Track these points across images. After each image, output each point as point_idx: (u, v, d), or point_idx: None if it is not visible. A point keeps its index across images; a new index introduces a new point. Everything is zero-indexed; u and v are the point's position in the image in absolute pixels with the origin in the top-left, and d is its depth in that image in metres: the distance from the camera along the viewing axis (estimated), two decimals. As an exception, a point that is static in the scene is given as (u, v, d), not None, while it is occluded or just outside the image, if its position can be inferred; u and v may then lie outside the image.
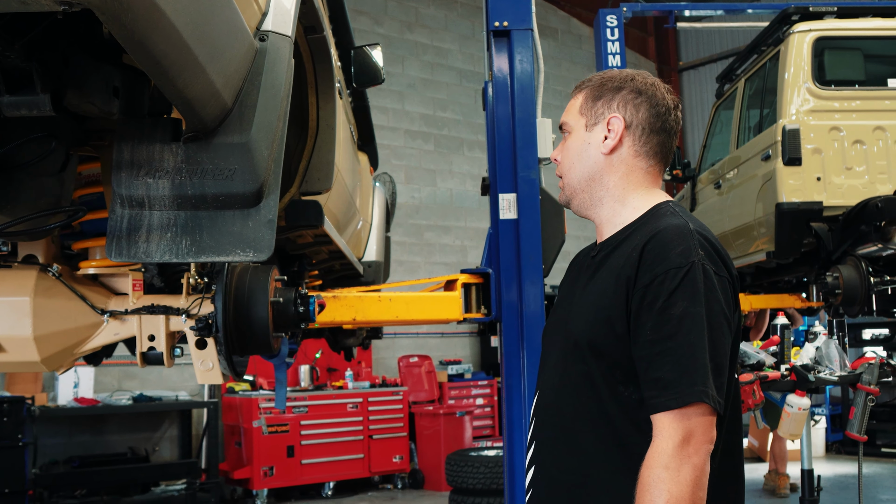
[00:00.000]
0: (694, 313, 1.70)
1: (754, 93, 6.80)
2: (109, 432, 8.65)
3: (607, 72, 2.00)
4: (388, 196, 8.66)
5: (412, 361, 10.71)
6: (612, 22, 7.82)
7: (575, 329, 1.87)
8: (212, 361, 2.41)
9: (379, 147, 11.27)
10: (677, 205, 1.94)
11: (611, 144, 1.92)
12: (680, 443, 1.65)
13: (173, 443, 9.10)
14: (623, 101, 1.93)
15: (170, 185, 1.76)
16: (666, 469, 1.63)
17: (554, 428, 1.89)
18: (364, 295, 3.92)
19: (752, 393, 3.98)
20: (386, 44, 11.90)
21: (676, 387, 1.67)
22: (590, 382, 1.82)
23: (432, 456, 9.59)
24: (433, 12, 12.53)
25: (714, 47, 15.10)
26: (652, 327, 1.72)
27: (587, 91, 1.96)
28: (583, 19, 14.24)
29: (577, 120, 1.96)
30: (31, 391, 7.71)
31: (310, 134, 2.92)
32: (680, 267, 1.73)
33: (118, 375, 8.71)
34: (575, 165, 1.95)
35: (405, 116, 11.98)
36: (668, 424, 1.66)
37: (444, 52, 12.57)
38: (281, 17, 1.96)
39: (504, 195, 4.16)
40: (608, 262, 1.89)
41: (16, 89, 1.56)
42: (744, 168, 6.58)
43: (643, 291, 1.74)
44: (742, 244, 6.65)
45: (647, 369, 1.72)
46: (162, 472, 8.42)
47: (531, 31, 4.26)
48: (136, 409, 8.36)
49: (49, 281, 2.34)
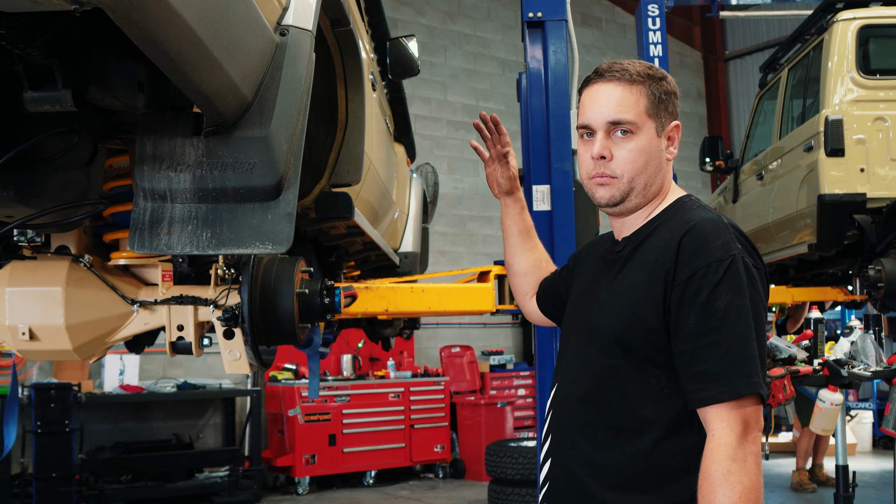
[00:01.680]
0: (739, 305, 1.72)
1: (797, 82, 6.68)
2: (154, 419, 8.82)
3: (644, 63, 1.96)
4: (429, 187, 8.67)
5: (454, 351, 10.74)
6: (654, 11, 7.73)
7: (603, 324, 1.88)
8: (239, 351, 2.45)
9: (422, 137, 11.40)
10: (699, 199, 1.97)
11: (675, 152, 1.95)
12: (741, 434, 1.67)
13: (217, 430, 9.25)
14: (674, 106, 1.95)
15: (191, 179, 1.79)
16: (734, 461, 1.65)
17: (575, 421, 1.90)
18: (396, 286, 3.94)
19: (782, 387, 3.92)
20: (428, 34, 11.93)
21: (726, 379, 1.68)
22: (616, 377, 1.83)
23: (473, 446, 9.62)
24: (476, 2, 12.50)
25: (761, 36, 14.84)
26: (696, 321, 1.72)
27: (648, 90, 1.90)
28: (627, 8, 14.10)
29: (645, 122, 1.89)
30: (77, 378, 7.87)
31: (339, 126, 2.94)
32: (722, 260, 1.74)
33: (163, 363, 8.86)
34: (647, 168, 1.90)
35: (448, 107, 11.98)
36: (727, 416, 1.68)
37: (487, 42, 12.53)
38: (302, 12, 1.98)
39: (538, 187, 4.15)
40: (636, 256, 1.89)
41: (38, 85, 1.60)
42: (786, 159, 6.48)
43: (684, 285, 1.74)
44: (785, 236, 6.55)
45: (692, 363, 1.72)
46: (205, 458, 8.55)
47: (565, 22, 4.24)
48: (181, 396, 8.50)
49: (81, 271, 2.39)
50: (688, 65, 15.32)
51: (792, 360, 4.28)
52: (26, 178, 1.88)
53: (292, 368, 9.24)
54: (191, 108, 1.85)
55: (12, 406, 3.48)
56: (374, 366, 10.02)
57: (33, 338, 2.36)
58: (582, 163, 1.98)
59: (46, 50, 1.53)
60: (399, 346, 10.13)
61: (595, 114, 1.91)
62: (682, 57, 15.18)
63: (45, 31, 1.50)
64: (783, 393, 3.91)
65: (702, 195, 14.03)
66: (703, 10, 13.29)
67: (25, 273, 2.38)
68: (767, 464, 9.72)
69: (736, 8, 10.16)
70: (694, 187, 14.39)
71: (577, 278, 2.13)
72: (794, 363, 4.28)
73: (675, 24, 14.90)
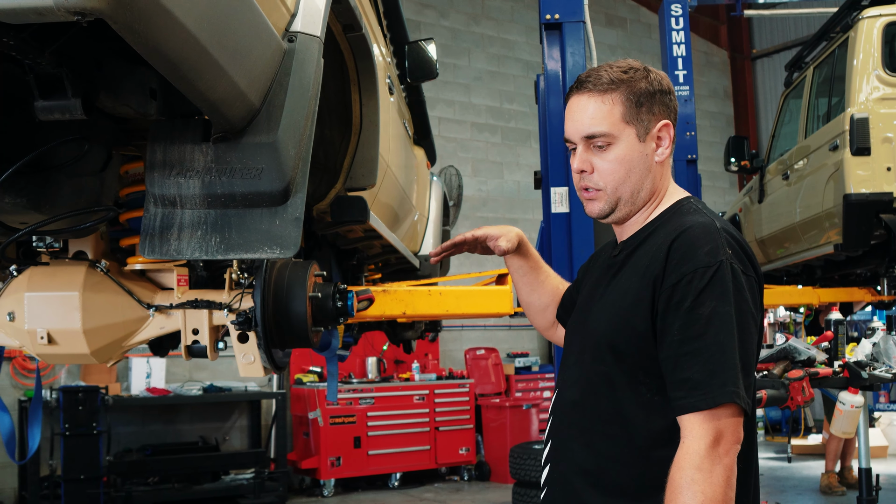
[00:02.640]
0: (723, 313, 1.69)
1: (823, 81, 6.62)
2: (181, 422, 8.89)
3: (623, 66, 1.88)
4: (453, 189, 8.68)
5: (479, 354, 10.73)
6: (677, 11, 7.68)
7: (595, 329, 1.87)
8: (253, 355, 2.47)
9: (445, 140, 11.42)
10: (699, 201, 1.94)
11: (667, 153, 1.90)
12: (711, 444, 1.64)
13: (243, 432, 9.31)
14: (661, 104, 1.88)
15: (200, 184, 1.81)
16: (699, 470, 1.62)
17: (571, 427, 1.89)
18: (414, 289, 3.95)
19: (801, 389, 3.88)
20: (452, 36, 11.94)
21: (706, 387, 1.66)
22: (608, 383, 1.81)
23: (498, 448, 9.61)
24: (499, 4, 12.49)
25: (789, 34, 14.69)
26: (680, 327, 1.70)
27: (623, 95, 1.84)
28: (652, 8, 14.02)
29: (623, 130, 1.84)
30: (105, 381, 7.97)
31: (353, 131, 2.96)
32: (708, 266, 1.71)
33: (189, 366, 8.94)
34: (630, 177, 1.87)
35: (471, 109, 11.98)
36: (699, 425, 1.65)
37: (511, 44, 12.52)
38: (310, 18, 2.00)
39: (556, 189, 4.15)
40: (631, 260, 1.87)
41: (49, 94, 1.63)
42: (812, 158, 6.42)
43: (670, 291, 1.72)
44: (811, 236, 6.49)
45: (675, 369, 1.70)
46: (231, 461, 8.63)
47: (583, 24, 4.23)
48: (207, 399, 8.57)
49: (98, 276, 2.42)
50: (714, 64, 15.21)
51: (811, 361, 4.24)
52: (39, 185, 1.91)
53: (317, 371, 9.28)
54: (200, 114, 1.87)
55: (36, 408, 3.54)
56: (398, 368, 10.04)
57: (52, 342, 2.39)
58: (572, 175, 1.96)
59: (56, 60, 1.56)
60: (424, 349, 10.14)
61: (571, 128, 1.90)
62: (708, 56, 15.07)
63: (54, 42, 1.53)
64: (802, 395, 3.87)
65: (729, 195, 13.92)
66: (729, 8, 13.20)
67: (44, 278, 2.41)
68: (795, 466, 9.62)
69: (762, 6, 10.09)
70: (721, 187, 14.28)
71: (585, 286, 2.11)
72: (814, 365, 4.23)
73: (701, 23, 14.80)
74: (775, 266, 7.49)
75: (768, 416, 11.87)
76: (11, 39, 1.41)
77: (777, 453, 10.46)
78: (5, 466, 7.84)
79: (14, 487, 7.95)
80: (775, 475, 9.21)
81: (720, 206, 12.97)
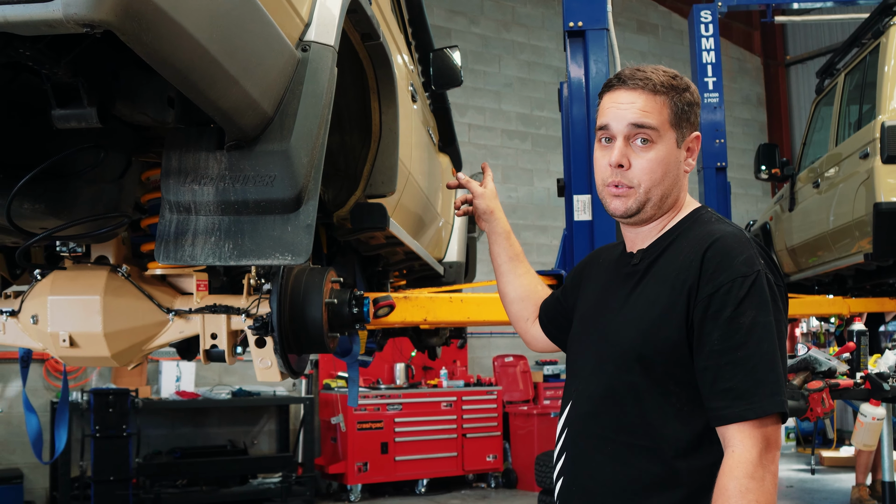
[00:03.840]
0: (764, 322, 1.70)
1: (854, 88, 6.55)
2: (210, 425, 8.98)
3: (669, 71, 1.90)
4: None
5: (507, 361, 10.71)
6: (707, 17, 7.65)
7: (621, 340, 1.85)
8: (270, 360, 2.50)
9: (475, 147, 11.44)
10: (714, 211, 1.95)
11: (693, 164, 1.93)
12: (761, 452, 1.65)
13: (271, 437, 9.38)
14: (696, 117, 1.92)
15: (214, 192, 1.84)
16: (752, 479, 1.63)
17: (592, 439, 1.87)
18: (435, 296, 3.96)
19: (821, 401, 3.83)
20: (482, 43, 11.97)
21: (752, 397, 1.66)
22: (635, 393, 1.80)
23: (526, 456, 9.57)
24: (530, 10, 12.50)
25: (823, 40, 14.51)
26: (720, 337, 1.70)
27: (672, 101, 1.86)
28: (684, 14, 13.91)
29: (668, 131, 1.86)
30: (135, 384, 8.06)
31: (373, 138, 2.98)
32: (746, 276, 1.72)
33: (218, 370, 9.02)
34: (664, 180, 1.87)
35: (502, 116, 11.99)
36: (749, 434, 1.66)
37: (542, 51, 12.51)
38: (324, 28, 2.02)
39: (579, 196, 4.15)
40: (655, 269, 1.87)
41: (65, 103, 1.66)
42: (843, 166, 6.34)
43: (707, 300, 1.72)
44: (842, 245, 6.41)
45: (716, 379, 1.70)
46: (259, 464, 8.69)
47: (606, 31, 4.23)
48: (235, 403, 8.64)
49: (119, 281, 2.47)
50: (747, 70, 15.08)
51: (832, 373, 4.19)
52: (58, 191, 1.96)
53: (346, 377, 9.30)
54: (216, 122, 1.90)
55: (63, 410, 3.60)
56: (426, 375, 10.05)
57: (73, 345, 2.44)
58: (598, 169, 1.93)
59: (71, 70, 1.59)
60: (452, 356, 10.15)
61: (616, 116, 1.86)
62: (741, 63, 14.95)
63: (69, 52, 1.56)
64: (821, 407, 3.83)
65: (762, 203, 13.78)
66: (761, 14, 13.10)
67: (66, 282, 2.46)
68: (826, 479, 9.49)
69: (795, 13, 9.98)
70: (754, 195, 14.15)
71: (585, 294, 2.09)
72: (835, 376, 4.18)
73: (733, 29, 14.69)
74: (806, 275, 7.41)
75: (800, 428, 11.73)
76: (28, 50, 1.45)
77: (808, 465, 10.33)
78: (37, 467, 7.97)
79: (45, 487, 8.08)
80: (805, 487, 9.09)
81: (752, 214, 12.85)
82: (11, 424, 8.04)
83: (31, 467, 7.96)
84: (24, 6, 1.23)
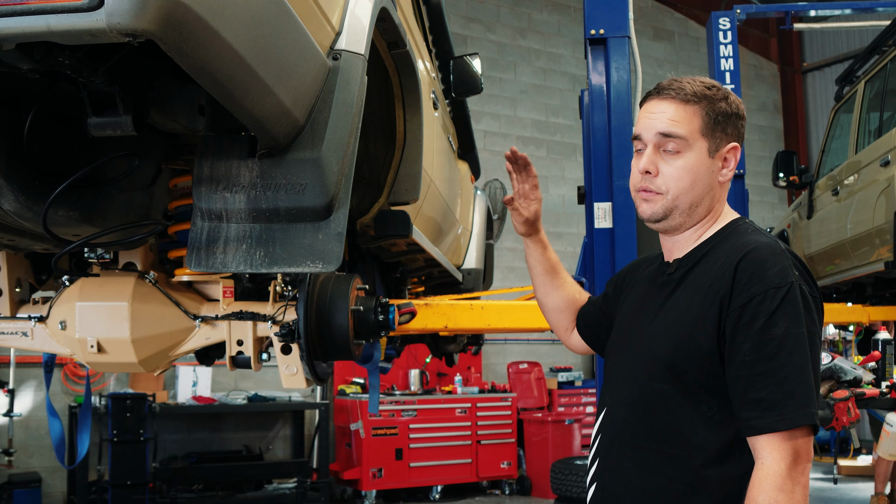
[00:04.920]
0: (796, 334, 1.69)
1: (874, 95, 6.51)
2: (226, 430, 9.00)
3: (706, 82, 1.92)
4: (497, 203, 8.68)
5: (522, 368, 10.70)
6: (725, 25, 7.63)
7: (653, 347, 1.86)
8: (296, 366, 2.51)
9: (491, 153, 11.44)
10: (752, 222, 1.95)
11: (729, 175, 1.92)
12: (791, 464, 1.65)
13: (286, 442, 9.38)
14: (735, 128, 1.91)
15: (246, 199, 1.85)
16: (781, 491, 1.63)
17: (623, 445, 1.88)
18: (456, 303, 3.96)
19: (846, 410, 3.81)
20: (498, 50, 11.98)
21: (782, 408, 1.66)
22: (664, 401, 1.81)
23: (540, 463, 9.56)
24: (546, 17, 12.50)
25: (841, 47, 14.46)
26: (751, 348, 1.70)
27: (703, 110, 1.87)
28: (700, 21, 13.91)
29: (698, 141, 1.86)
30: (152, 389, 8.10)
31: (397, 146, 2.99)
32: (779, 287, 1.71)
33: (234, 376, 9.04)
34: (693, 188, 1.87)
35: (517, 122, 11.99)
36: (779, 446, 1.66)
37: (557, 58, 12.51)
38: (354, 36, 2.03)
39: (599, 204, 4.14)
40: (689, 278, 1.87)
41: (101, 111, 1.68)
42: (863, 174, 6.31)
43: (740, 311, 1.72)
44: (861, 253, 6.37)
45: (746, 390, 1.70)
46: (275, 470, 8.70)
47: (628, 39, 4.23)
48: (251, 408, 8.67)
49: (146, 287, 2.48)
50: (764, 77, 15.04)
51: (857, 382, 4.16)
52: (92, 198, 1.97)
53: (360, 382, 9.33)
54: (247, 130, 1.91)
55: (85, 415, 3.62)
56: (441, 381, 10.04)
57: (101, 351, 2.45)
58: (632, 175, 1.96)
59: (108, 78, 1.60)
60: (467, 362, 10.14)
61: (647, 125, 1.90)
62: (757, 70, 14.91)
63: (107, 61, 1.57)
64: (847, 416, 3.80)
65: (778, 210, 13.73)
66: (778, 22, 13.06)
67: (94, 288, 2.47)
68: (844, 488, 9.43)
69: (813, 20, 9.94)
70: (770, 202, 14.09)
71: (624, 301, 2.10)
72: (860, 385, 4.15)
73: (750, 36, 14.65)
74: (824, 283, 7.37)
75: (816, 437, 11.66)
76: (67, 59, 1.46)
77: (825, 474, 10.26)
78: (55, 471, 8.01)
79: (63, 491, 8.11)
80: (823, 496, 9.03)
81: (769, 221, 12.80)
82: (30, 428, 8.08)
83: (48, 471, 8.00)
84: (68, 15, 1.24)
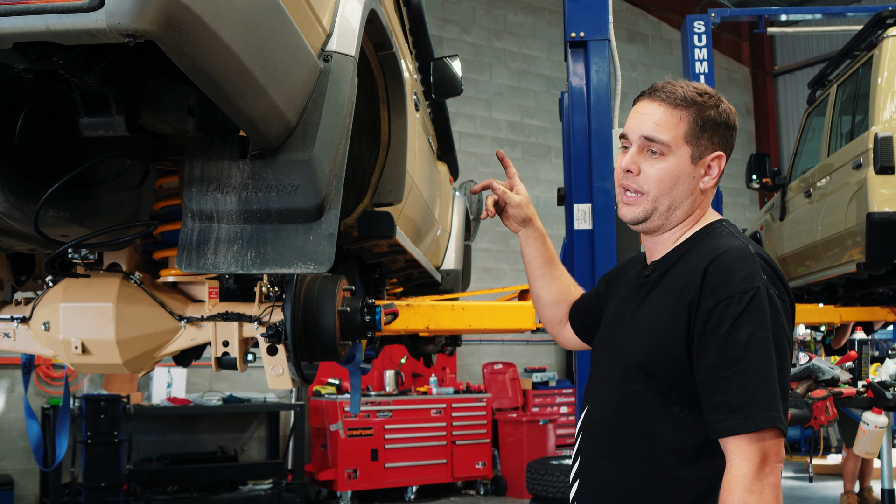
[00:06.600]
0: (761, 338, 1.71)
1: (847, 99, 6.61)
2: (200, 431, 8.94)
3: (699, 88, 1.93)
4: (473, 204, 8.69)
5: (496, 368, 10.74)
6: (700, 28, 7.70)
7: (627, 349, 1.89)
8: (282, 367, 2.51)
9: (466, 155, 11.46)
10: (731, 224, 1.96)
11: (711, 183, 1.93)
12: (759, 465, 1.67)
13: (261, 443, 9.34)
14: (722, 137, 1.92)
15: (237, 200, 1.85)
16: (750, 493, 1.66)
17: (601, 444, 1.92)
18: (437, 304, 3.98)
19: (824, 409, 3.87)
20: (473, 52, 12.00)
21: (746, 411, 1.69)
22: (638, 402, 1.84)
23: (515, 463, 9.59)
24: (521, 20, 12.55)
25: (811, 51, 14.65)
26: (717, 351, 1.73)
27: (691, 116, 1.88)
28: (674, 24, 14.03)
29: (681, 146, 1.88)
30: (126, 390, 8.03)
31: (381, 147, 2.99)
32: (745, 291, 1.73)
33: (209, 377, 8.99)
34: (673, 191, 1.89)
35: (492, 124, 12.02)
36: (746, 448, 1.69)
37: (532, 60, 12.57)
38: (345, 38, 2.03)
39: (579, 205, 4.17)
40: (663, 282, 1.90)
41: (93, 111, 1.67)
42: (835, 176, 6.40)
43: (707, 315, 1.75)
44: (833, 255, 6.46)
45: (713, 393, 1.73)
46: (250, 471, 8.66)
47: (608, 42, 4.26)
48: (226, 409, 8.62)
49: (131, 288, 2.47)
50: (736, 80, 15.19)
51: (835, 381, 4.23)
52: (82, 199, 1.96)
53: (335, 383, 9.30)
54: (237, 131, 1.91)
55: (64, 417, 3.59)
56: (416, 382, 10.05)
57: (85, 352, 2.44)
58: (616, 171, 1.99)
59: (101, 78, 1.60)
60: (442, 363, 10.15)
61: (634, 126, 1.92)
62: (730, 73, 15.06)
63: (100, 61, 1.57)
64: (825, 415, 3.86)
65: (749, 212, 13.88)
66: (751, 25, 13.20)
67: (79, 289, 2.46)
68: (814, 486, 9.55)
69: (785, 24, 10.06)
70: (742, 204, 14.24)
71: (610, 301, 2.13)
72: (838, 385, 4.22)
73: (722, 39, 14.79)
74: (797, 284, 7.47)
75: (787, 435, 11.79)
76: (62, 59, 1.45)
77: (796, 472, 10.39)
78: (27, 473, 7.91)
79: (35, 494, 8.01)
80: (794, 495, 9.14)
81: (741, 222, 12.93)
82: (2, 430, 7.98)
83: (20, 473, 7.91)
84: (68, 15, 1.23)
